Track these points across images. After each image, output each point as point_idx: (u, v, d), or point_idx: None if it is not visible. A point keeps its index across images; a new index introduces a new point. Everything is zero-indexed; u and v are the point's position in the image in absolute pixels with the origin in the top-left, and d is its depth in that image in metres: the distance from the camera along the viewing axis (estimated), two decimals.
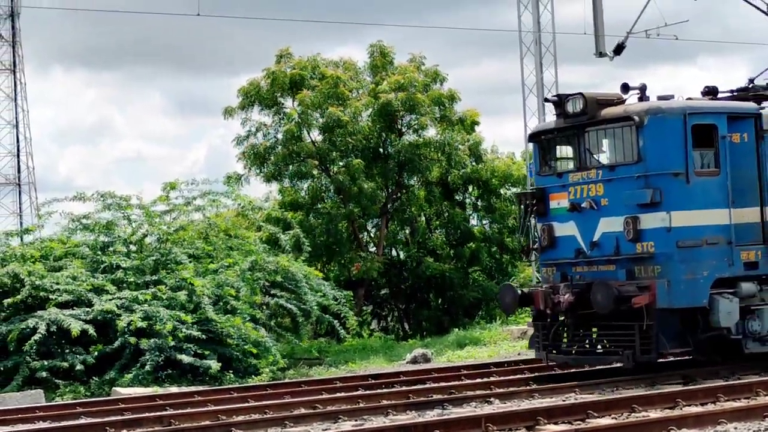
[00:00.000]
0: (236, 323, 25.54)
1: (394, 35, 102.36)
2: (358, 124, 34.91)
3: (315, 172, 36.06)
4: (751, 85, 21.18)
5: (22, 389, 23.38)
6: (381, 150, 35.43)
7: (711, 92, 20.57)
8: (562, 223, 19.75)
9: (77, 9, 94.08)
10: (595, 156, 19.45)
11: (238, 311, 26.18)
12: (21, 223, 38.93)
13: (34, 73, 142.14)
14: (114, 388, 23.41)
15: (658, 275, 18.14)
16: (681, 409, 15.18)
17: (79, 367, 24.20)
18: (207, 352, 24.76)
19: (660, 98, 19.79)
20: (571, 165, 19.87)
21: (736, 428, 13.13)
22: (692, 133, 18.43)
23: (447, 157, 35.61)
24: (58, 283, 25.62)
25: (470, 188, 39.58)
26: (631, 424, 13.89)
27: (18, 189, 46.58)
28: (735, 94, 20.86)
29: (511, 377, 20.64)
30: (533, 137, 21.15)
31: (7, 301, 25.22)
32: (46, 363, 24.16)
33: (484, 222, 40.89)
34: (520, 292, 20.12)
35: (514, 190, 36.67)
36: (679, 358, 20.34)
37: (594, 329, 19.65)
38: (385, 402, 17.56)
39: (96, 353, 24.55)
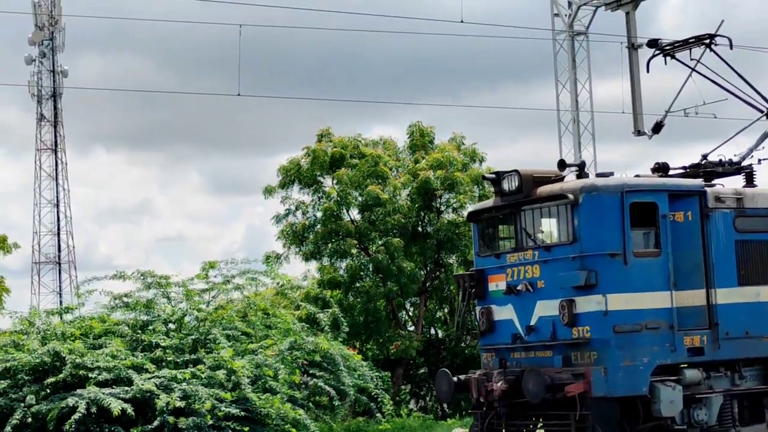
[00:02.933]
0: (275, 404, 25.67)
1: (431, 114, 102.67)
2: (397, 202, 35.11)
3: (354, 250, 36.23)
4: (704, 161, 20.85)
5: None
6: (420, 228, 35.62)
7: (661, 168, 20.37)
8: (501, 307, 19.40)
9: (119, 89, 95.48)
10: (531, 236, 19.07)
11: (277, 392, 26.33)
12: (61, 302, 39.27)
13: (76, 153, 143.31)
14: None
15: (595, 362, 17.70)
16: None
17: None
18: (246, 431, 24.94)
19: (599, 175, 19.65)
20: (508, 246, 19.54)
21: None
22: (630, 211, 18.09)
23: None
24: (98, 362, 25.77)
25: None
26: None
27: (58, 267, 46.99)
28: (687, 170, 20.60)
29: None
30: (471, 216, 20.93)
31: (48, 381, 25.32)
32: None
33: None
34: (455, 379, 19.65)
35: None
36: None
37: (530, 420, 19.10)
38: None
39: (135, 431, 24.77)
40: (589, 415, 17.64)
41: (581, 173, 19.62)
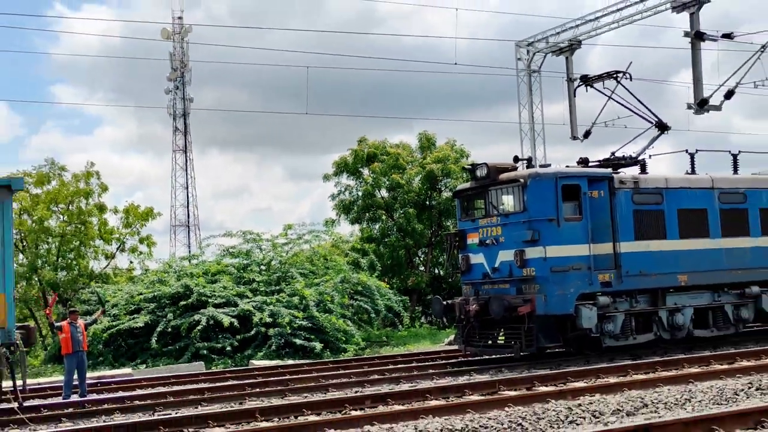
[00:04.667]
0: (332, 319, 25.72)
1: (434, 126, 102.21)
2: (412, 185, 35.00)
3: (383, 217, 36.19)
4: (612, 156, 20.49)
5: (190, 362, 23.72)
6: (427, 202, 35.43)
7: (584, 161, 20.05)
8: (475, 254, 19.09)
9: (226, 110, 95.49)
10: (495, 207, 18.77)
11: (333, 311, 26.39)
12: (189, 252, 39.27)
13: (199, 153, 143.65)
14: (251, 361, 23.60)
15: (538, 291, 17.51)
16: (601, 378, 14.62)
17: (228, 347, 24.52)
18: (312, 337, 24.91)
19: (542, 166, 19.38)
20: (480, 213, 19.23)
21: (669, 390, 12.76)
22: (562, 190, 17.88)
23: None
24: (214, 291, 25.96)
25: None
26: (579, 389, 13.40)
27: (188, 229, 47.19)
28: (601, 162, 20.21)
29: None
30: (456, 194, 20.43)
31: (181, 303, 25.57)
32: (206, 344, 24.44)
33: None
34: (445, 303, 19.42)
35: None
36: (555, 350, 19.62)
37: (495, 330, 18.94)
38: (431, 371, 17.53)
39: (239, 338, 24.84)
40: (534, 327, 17.70)
41: (529, 165, 19.44)
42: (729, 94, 25.18)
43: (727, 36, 25.48)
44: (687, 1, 26.30)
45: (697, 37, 25.36)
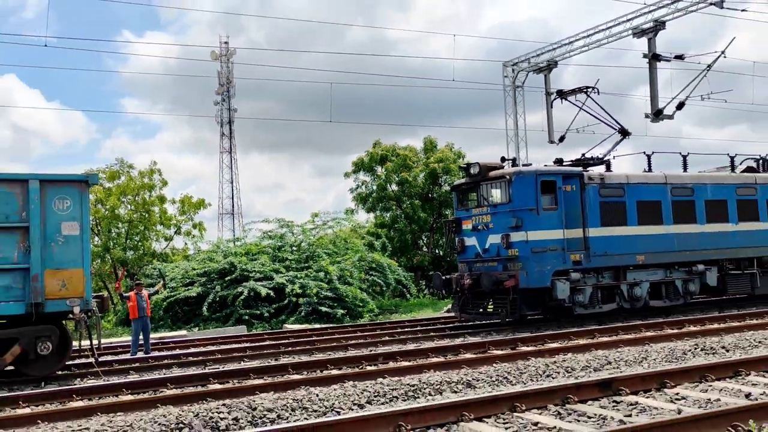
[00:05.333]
0: (352, 291, 25.73)
1: (435, 131, 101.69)
2: (417, 181, 34.92)
3: (393, 207, 36.14)
4: (582, 157, 20.27)
5: (235, 325, 23.81)
6: (430, 195, 35.34)
7: (559, 161, 19.89)
8: (469, 238, 18.93)
9: (263, 118, 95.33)
10: (486, 199, 18.65)
11: (352, 284, 26.40)
12: (234, 235, 39.33)
13: (242, 154, 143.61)
14: (284, 325, 23.69)
15: (520, 268, 17.42)
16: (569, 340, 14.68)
17: (265, 313, 24.59)
18: (335, 305, 24.95)
19: (524, 165, 19.23)
20: (473, 204, 19.09)
21: (629, 350, 12.60)
22: (541, 185, 17.76)
23: None
24: (254, 268, 26.01)
25: None
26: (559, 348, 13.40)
27: (233, 217, 47.19)
28: (573, 162, 20.05)
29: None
30: (453, 188, 20.25)
31: (227, 278, 25.63)
32: (247, 311, 24.53)
33: None
34: (444, 277, 19.28)
35: None
36: (534, 317, 19.51)
37: (485, 300, 18.88)
38: (432, 333, 17.46)
39: (274, 306, 24.90)
40: (517, 297, 17.67)
41: (514, 164, 19.27)
42: (680, 106, 25.02)
43: (679, 57, 25.30)
44: (646, 28, 26.17)
45: (654, 58, 25.21)
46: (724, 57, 24.60)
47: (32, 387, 12.31)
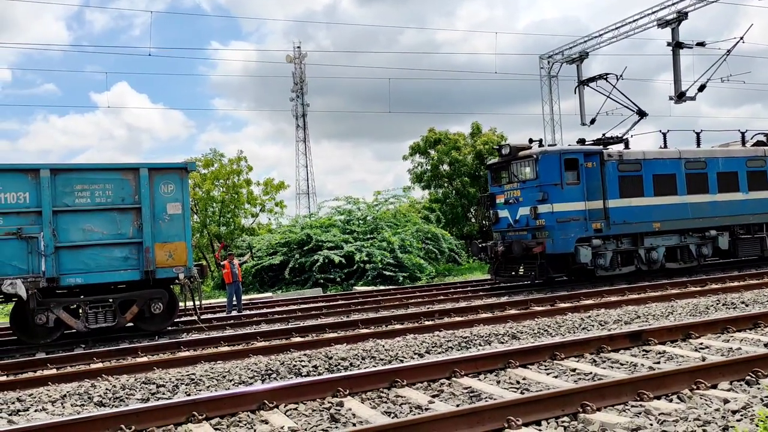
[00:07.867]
0: (411, 258, 25.73)
1: (481, 118, 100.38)
2: (466, 161, 34.59)
3: (446, 185, 35.90)
4: (603, 137, 19.75)
5: (312, 288, 24.10)
6: (477, 173, 35.00)
7: (581, 141, 19.41)
8: (501, 210, 18.68)
9: (331, 111, 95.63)
10: (516, 176, 18.32)
11: (411, 252, 26.39)
12: (309, 211, 39.74)
13: (314, 143, 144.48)
14: (354, 287, 23.87)
15: (547, 237, 17.18)
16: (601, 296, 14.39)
17: (338, 278, 24.80)
18: (396, 270, 25.03)
19: (550, 145, 18.77)
20: (505, 180, 18.78)
21: (656, 306, 12.30)
22: (565, 163, 17.40)
23: None
24: (327, 239, 26.21)
25: None
26: (602, 304, 13.13)
27: (308, 196, 47.67)
28: (595, 141, 19.56)
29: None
30: (488, 167, 19.95)
31: (305, 248, 25.89)
32: (322, 276, 24.75)
33: None
34: (481, 245, 19.11)
35: None
36: (561, 279, 18.93)
37: (517, 265, 18.65)
38: (480, 293, 17.40)
39: (345, 271, 25.10)
40: (544, 262, 17.55)
41: (540, 144, 18.86)
42: (702, 88, 24.03)
43: (701, 44, 24.31)
44: (669, 19, 25.17)
45: (677, 46, 24.28)
46: (743, 42, 23.50)
47: (148, 340, 12.77)
